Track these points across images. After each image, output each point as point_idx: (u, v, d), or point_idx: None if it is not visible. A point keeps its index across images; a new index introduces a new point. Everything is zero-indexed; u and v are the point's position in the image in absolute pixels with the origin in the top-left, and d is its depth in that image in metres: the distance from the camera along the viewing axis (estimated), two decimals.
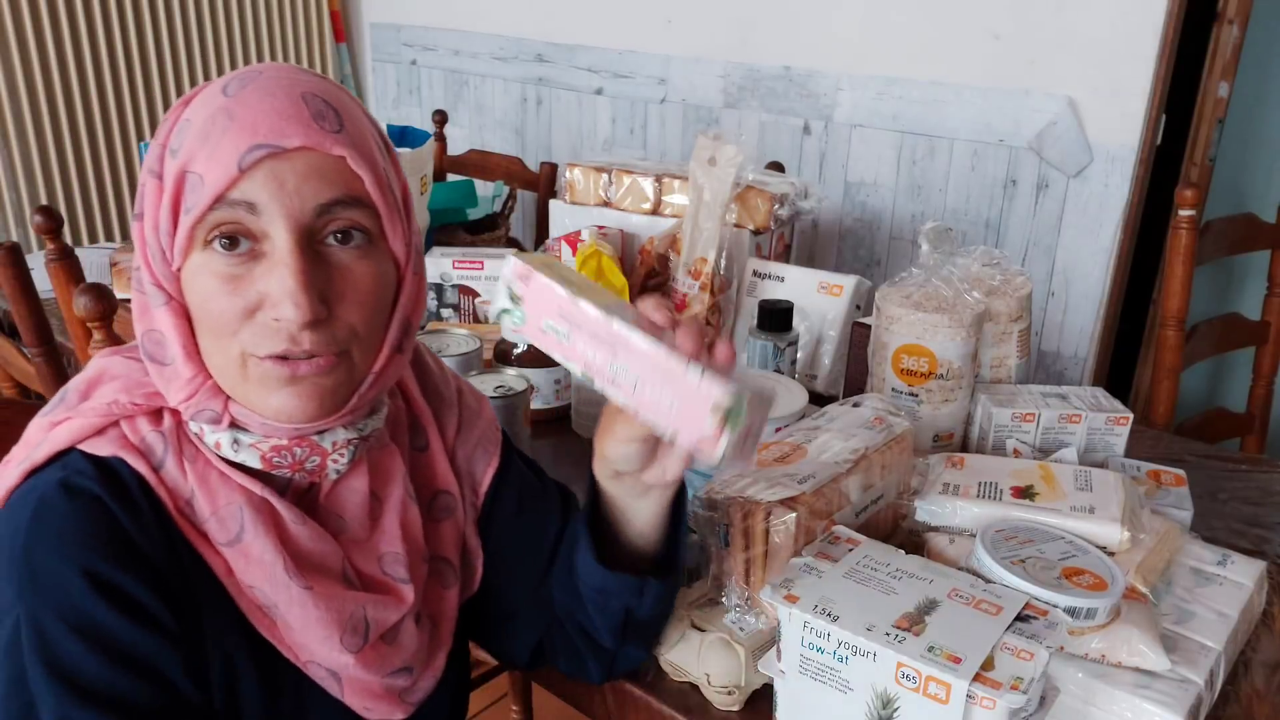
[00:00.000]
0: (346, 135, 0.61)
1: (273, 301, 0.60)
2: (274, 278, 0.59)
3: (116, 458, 0.62)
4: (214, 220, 0.59)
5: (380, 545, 0.71)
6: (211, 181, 0.58)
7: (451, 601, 0.76)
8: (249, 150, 0.58)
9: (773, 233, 1.44)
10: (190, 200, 0.59)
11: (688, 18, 2.42)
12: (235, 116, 0.59)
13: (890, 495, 0.89)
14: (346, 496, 0.70)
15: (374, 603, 0.68)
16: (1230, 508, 1.09)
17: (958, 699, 0.62)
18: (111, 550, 0.59)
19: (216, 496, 0.64)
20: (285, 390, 0.62)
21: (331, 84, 0.64)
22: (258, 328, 0.60)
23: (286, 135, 0.59)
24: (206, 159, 0.59)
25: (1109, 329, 2.03)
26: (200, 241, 0.60)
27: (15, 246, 1.33)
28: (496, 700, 2.00)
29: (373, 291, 0.64)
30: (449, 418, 0.79)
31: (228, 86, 0.61)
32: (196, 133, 0.60)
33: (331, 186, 0.60)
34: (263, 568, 0.63)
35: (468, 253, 1.53)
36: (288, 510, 0.65)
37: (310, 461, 0.66)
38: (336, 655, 0.66)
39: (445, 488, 0.77)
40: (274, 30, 3.05)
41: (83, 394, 0.66)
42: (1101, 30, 1.87)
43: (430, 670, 0.73)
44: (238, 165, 0.58)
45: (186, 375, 0.62)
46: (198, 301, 0.61)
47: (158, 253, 0.61)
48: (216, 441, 0.64)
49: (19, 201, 2.63)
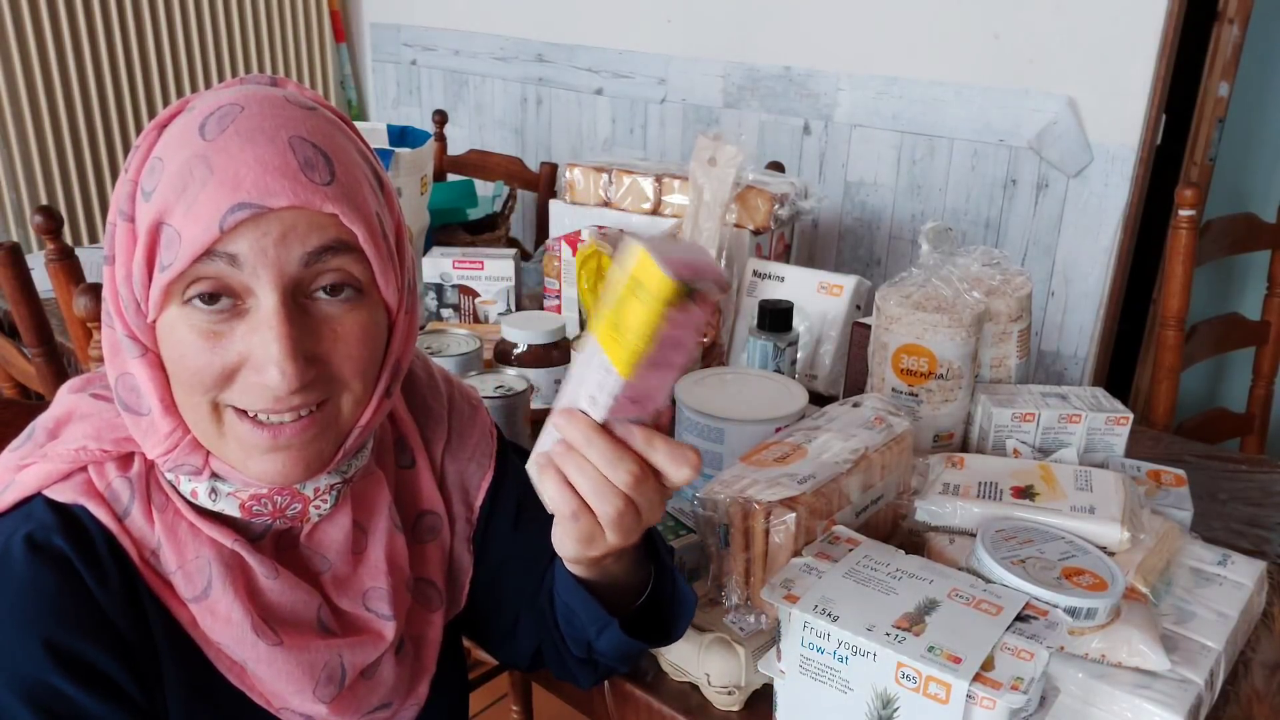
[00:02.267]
0: (338, 186, 0.57)
1: (256, 365, 0.56)
2: (257, 341, 0.56)
3: (80, 506, 0.60)
4: (193, 274, 0.55)
5: (365, 580, 0.68)
6: (189, 239, 0.54)
7: (436, 624, 0.74)
8: (231, 210, 0.54)
9: (773, 233, 1.44)
10: (166, 256, 0.55)
11: (688, 18, 2.42)
12: (215, 168, 0.54)
13: (890, 495, 0.89)
14: (330, 534, 0.67)
15: (350, 647, 0.66)
16: (1230, 508, 1.09)
17: (958, 699, 0.62)
18: (71, 615, 0.57)
19: (185, 549, 0.61)
20: (266, 455, 0.59)
21: (321, 118, 0.59)
22: (239, 386, 0.57)
23: (272, 193, 0.54)
24: (184, 214, 0.54)
25: (1109, 329, 2.03)
26: (178, 297, 0.56)
27: (15, 246, 1.33)
28: (496, 700, 2.00)
29: (363, 344, 0.60)
30: (437, 433, 0.76)
31: (205, 126, 0.56)
32: (171, 181, 0.55)
33: (320, 234, 0.56)
34: (230, 626, 0.61)
35: (468, 253, 1.53)
36: (260, 564, 0.63)
37: (291, 509, 0.64)
38: (310, 705, 0.64)
39: (430, 508, 0.74)
40: (274, 30, 3.05)
41: (51, 433, 0.63)
42: (1101, 30, 1.87)
43: (412, 699, 0.72)
44: (219, 226, 0.54)
45: (165, 429, 0.59)
46: (173, 356, 0.58)
47: (131, 304, 0.58)
48: (193, 490, 0.62)
49: (19, 201, 2.63)
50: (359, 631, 0.67)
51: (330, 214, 0.56)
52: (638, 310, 0.54)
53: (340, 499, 0.67)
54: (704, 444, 0.99)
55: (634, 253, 0.55)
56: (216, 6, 2.90)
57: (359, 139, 0.63)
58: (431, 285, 1.52)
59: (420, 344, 1.20)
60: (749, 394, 1.04)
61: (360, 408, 0.62)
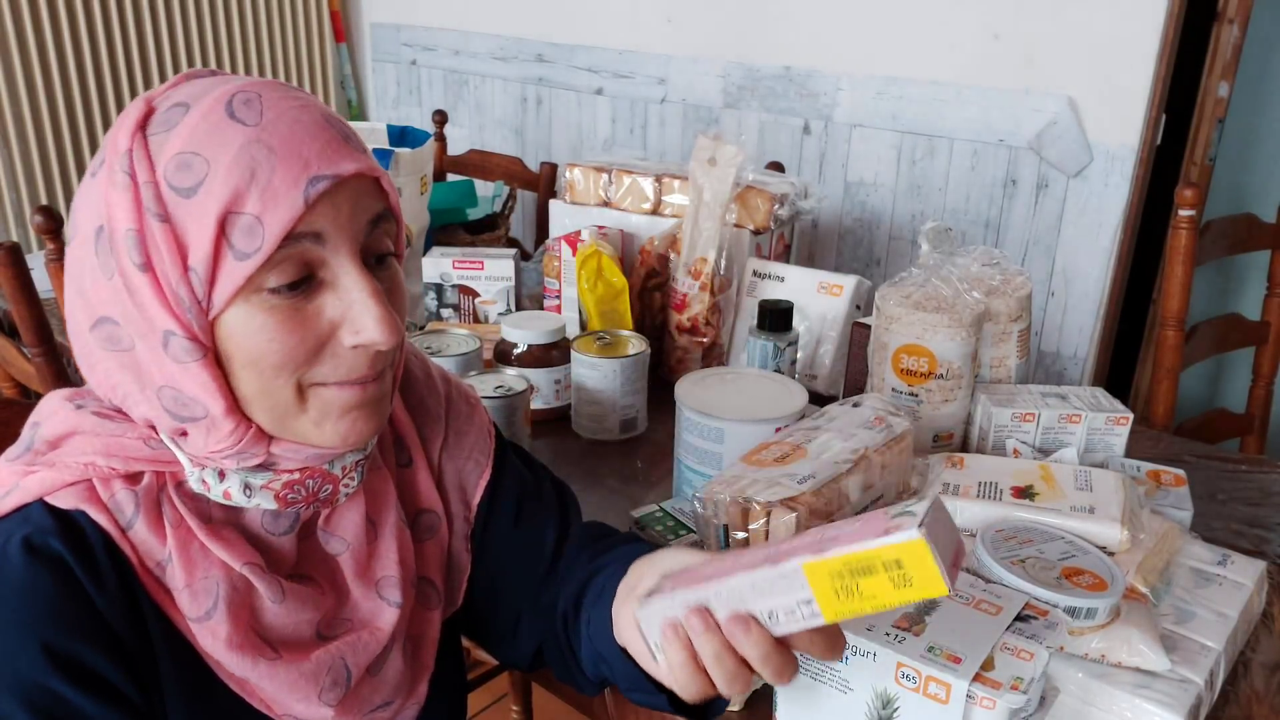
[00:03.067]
0: (369, 156, 0.61)
1: (354, 327, 0.59)
2: (350, 303, 0.59)
3: (80, 511, 0.59)
4: (278, 260, 0.56)
5: (379, 569, 0.69)
6: (274, 222, 0.55)
7: (434, 623, 0.74)
8: (310, 182, 0.56)
9: (773, 233, 1.44)
10: (246, 244, 0.55)
11: (688, 18, 2.42)
12: (276, 149, 0.56)
13: (890, 495, 0.89)
14: (346, 518, 0.68)
15: (351, 647, 0.66)
16: (1230, 508, 1.09)
17: (958, 699, 0.62)
18: (68, 619, 0.57)
19: (195, 568, 0.61)
20: (347, 416, 0.61)
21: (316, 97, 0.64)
22: (328, 358, 0.59)
23: (338, 163, 0.57)
24: (260, 198, 0.55)
25: (1109, 329, 2.04)
26: (253, 285, 0.56)
27: (15, 246, 1.33)
28: (496, 700, 2.00)
29: (403, 304, 0.65)
30: (434, 431, 0.77)
31: (235, 113, 0.56)
32: (230, 170, 0.55)
33: (375, 203, 0.61)
34: (230, 648, 0.61)
35: (468, 253, 1.53)
36: (268, 588, 0.63)
37: (324, 491, 0.65)
38: (316, 710, 0.64)
39: (428, 506, 0.75)
40: (274, 30, 3.05)
41: (52, 444, 0.62)
42: (1101, 30, 1.87)
43: (413, 699, 0.72)
44: (304, 200, 0.56)
45: (228, 428, 0.59)
46: (251, 345, 0.57)
47: (189, 302, 0.56)
48: (225, 492, 0.62)
49: (19, 201, 2.63)
50: (355, 629, 0.68)
51: (375, 178, 0.61)
52: (887, 592, 0.50)
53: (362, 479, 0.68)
54: (704, 444, 0.99)
55: (910, 535, 0.49)
56: (216, 6, 2.90)
57: None
58: (431, 285, 1.52)
59: (420, 344, 1.21)
60: (749, 394, 1.04)
61: (398, 369, 0.66)
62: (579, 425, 1.25)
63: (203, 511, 0.62)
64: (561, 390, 1.26)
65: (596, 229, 1.45)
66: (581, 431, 1.25)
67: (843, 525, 0.54)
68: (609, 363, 1.20)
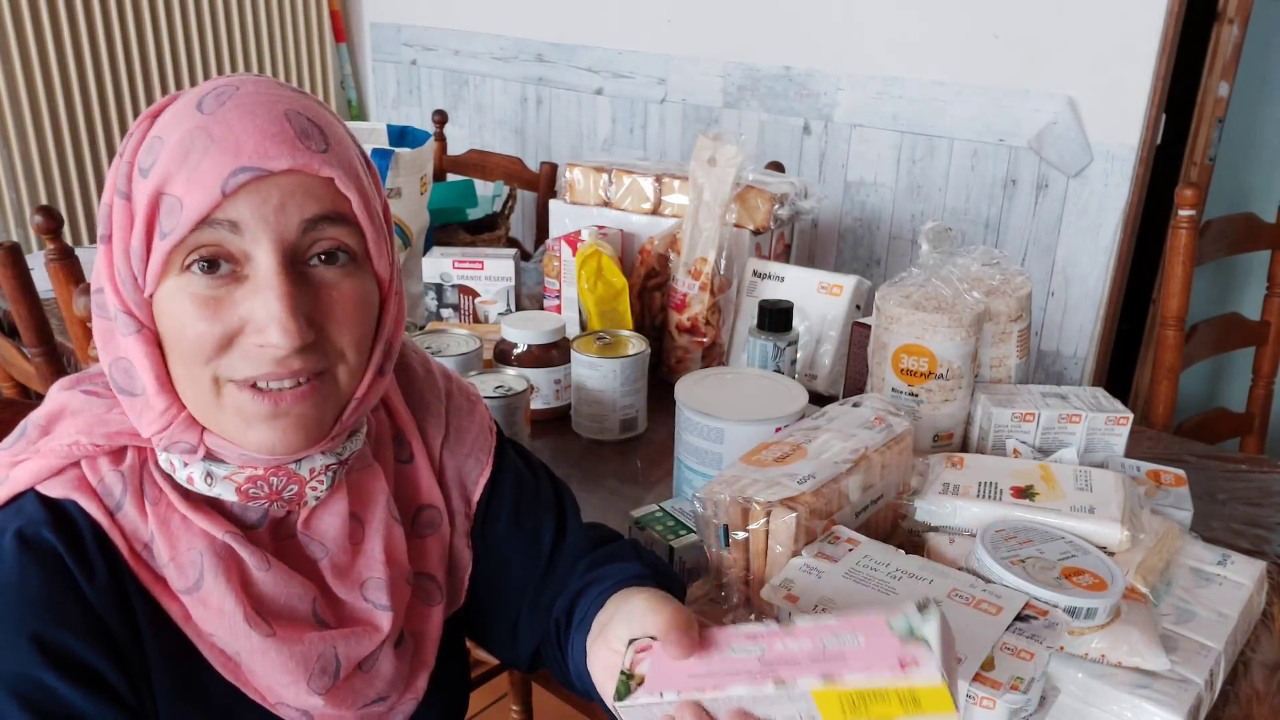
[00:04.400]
0: (333, 155, 0.59)
1: (257, 327, 0.58)
2: (258, 302, 0.57)
3: (71, 500, 0.60)
4: (193, 242, 0.57)
5: (362, 570, 0.69)
6: (192, 205, 0.56)
7: (435, 619, 0.74)
8: (233, 173, 0.56)
9: (773, 233, 1.44)
10: (167, 224, 0.57)
11: (688, 17, 2.42)
12: (215, 137, 0.56)
13: (890, 495, 0.89)
14: (326, 522, 0.68)
15: (345, 639, 0.66)
16: (1230, 508, 1.09)
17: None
18: (62, 614, 0.57)
19: (177, 541, 0.61)
20: (265, 424, 0.60)
21: (312, 100, 0.62)
22: (238, 352, 0.58)
23: (271, 157, 0.56)
24: (186, 181, 0.56)
25: (1109, 329, 2.04)
26: (177, 266, 0.58)
27: (15, 246, 1.33)
28: (496, 700, 2.00)
29: (359, 311, 0.62)
30: (435, 427, 0.77)
31: (203, 102, 0.58)
32: (172, 152, 0.57)
33: (317, 203, 0.59)
34: (222, 617, 0.61)
35: (468, 253, 1.53)
36: (252, 555, 0.63)
37: (288, 491, 0.64)
38: (305, 698, 0.64)
39: (430, 502, 0.75)
40: (274, 30, 3.05)
41: (43, 429, 0.63)
42: (1101, 30, 1.87)
43: (410, 693, 0.72)
44: (221, 189, 0.56)
45: (160, 407, 0.60)
46: (172, 327, 0.59)
47: (128, 279, 0.59)
48: (189, 476, 0.62)
49: (19, 201, 2.63)
50: (354, 623, 0.68)
51: (326, 178, 0.59)
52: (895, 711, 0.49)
53: (336, 484, 0.67)
54: (704, 444, 0.99)
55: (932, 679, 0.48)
56: (216, 6, 2.90)
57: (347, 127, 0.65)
58: (431, 285, 1.52)
59: (420, 344, 1.21)
60: (749, 394, 1.04)
61: (355, 381, 0.64)
62: (579, 425, 1.25)
63: (180, 488, 0.63)
64: (561, 390, 1.26)
65: (596, 229, 1.45)
66: (581, 431, 1.25)
67: (842, 631, 0.52)
68: (609, 363, 1.20)
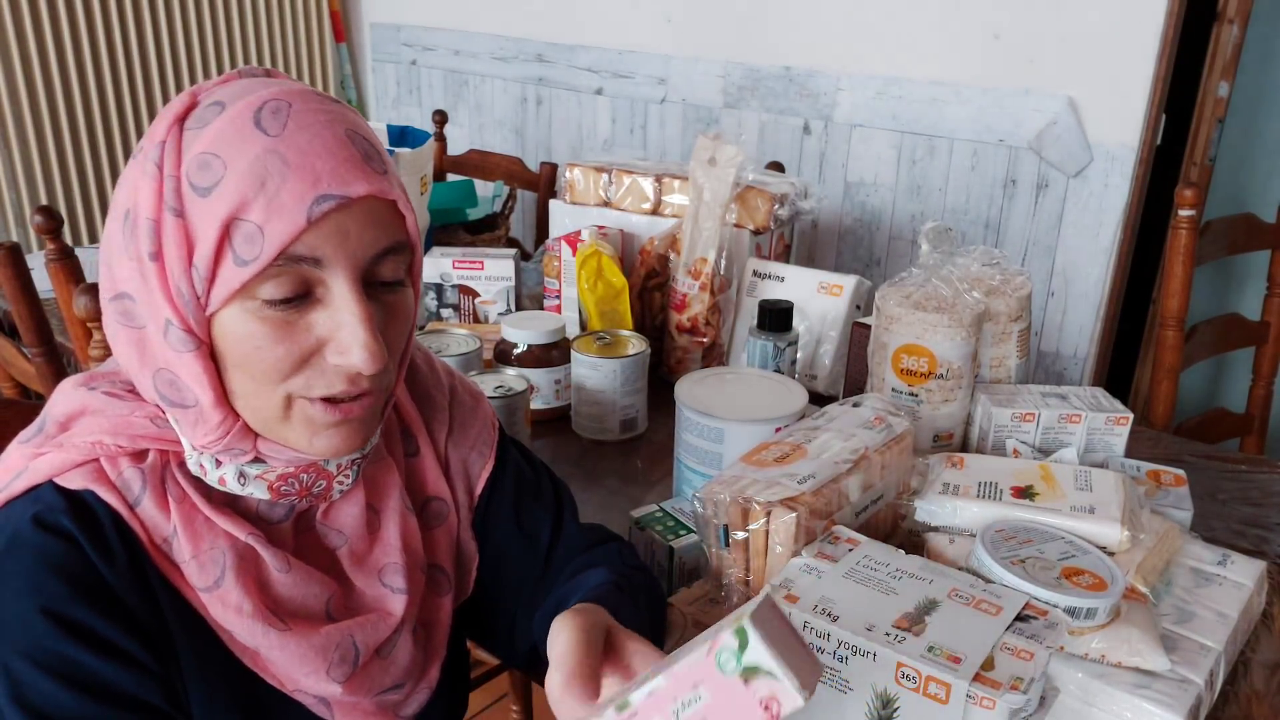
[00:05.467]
0: (391, 176, 0.60)
1: (339, 348, 0.59)
2: (339, 325, 0.59)
3: (90, 491, 0.61)
4: (274, 273, 0.57)
5: (380, 557, 0.70)
6: (275, 234, 0.56)
7: (445, 609, 0.75)
8: (316, 201, 0.56)
9: (773, 233, 1.44)
10: (246, 251, 0.56)
11: (688, 17, 2.42)
12: (290, 161, 0.56)
13: (890, 495, 0.89)
14: (345, 512, 0.69)
15: (361, 626, 0.67)
16: (1230, 508, 1.09)
17: (958, 699, 0.62)
18: (80, 590, 0.58)
19: (201, 540, 0.62)
20: (332, 430, 0.62)
21: (354, 111, 0.62)
22: (314, 371, 0.60)
23: (350, 184, 0.57)
24: (265, 208, 0.56)
25: (1109, 329, 2.04)
26: (249, 291, 0.57)
27: (15, 246, 1.33)
28: (496, 700, 2.00)
29: (407, 324, 0.65)
30: (439, 421, 0.78)
31: (261, 121, 0.57)
32: (244, 177, 0.56)
33: (386, 233, 0.60)
34: (240, 616, 0.62)
35: (468, 253, 1.53)
36: (274, 557, 0.64)
37: (317, 485, 0.66)
38: (324, 685, 0.65)
39: (436, 494, 0.76)
40: (274, 30, 3.05)
41: (62, 426, 0.64)
42: (1101, 30, 1.87)
43: (424, 682, 0.73)
44: (306, 218, 0.56)
45: (216, 419, 0.61)
46: (240, 349, 0.59)
47: (189, 297, 0.58)
48: (220, 478, 0.63)
49: (19, 201, 2.63)
50: (370, 610, 0.69)
51: (391, 200, 0.60)
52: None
53: (358, 476, 0.69)
54: (704, 444, 0.99)
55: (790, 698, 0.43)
56: (216, 6, 2.90)
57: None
58: (431, 285, 1.52)
59: (421, 344, 1.21)
60: (749, 394, 1.04)
61: (395, 382, 0.67)
62: (579, 425, 1.25)
63: (204, 490, 0.64)
64: (561, 390, 1.26)
65: (596, 229, 1.45)
66: (581, 431, 1.25)
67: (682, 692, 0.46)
68: (609, 363, 1.20)
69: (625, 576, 0.74)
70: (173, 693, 0.62)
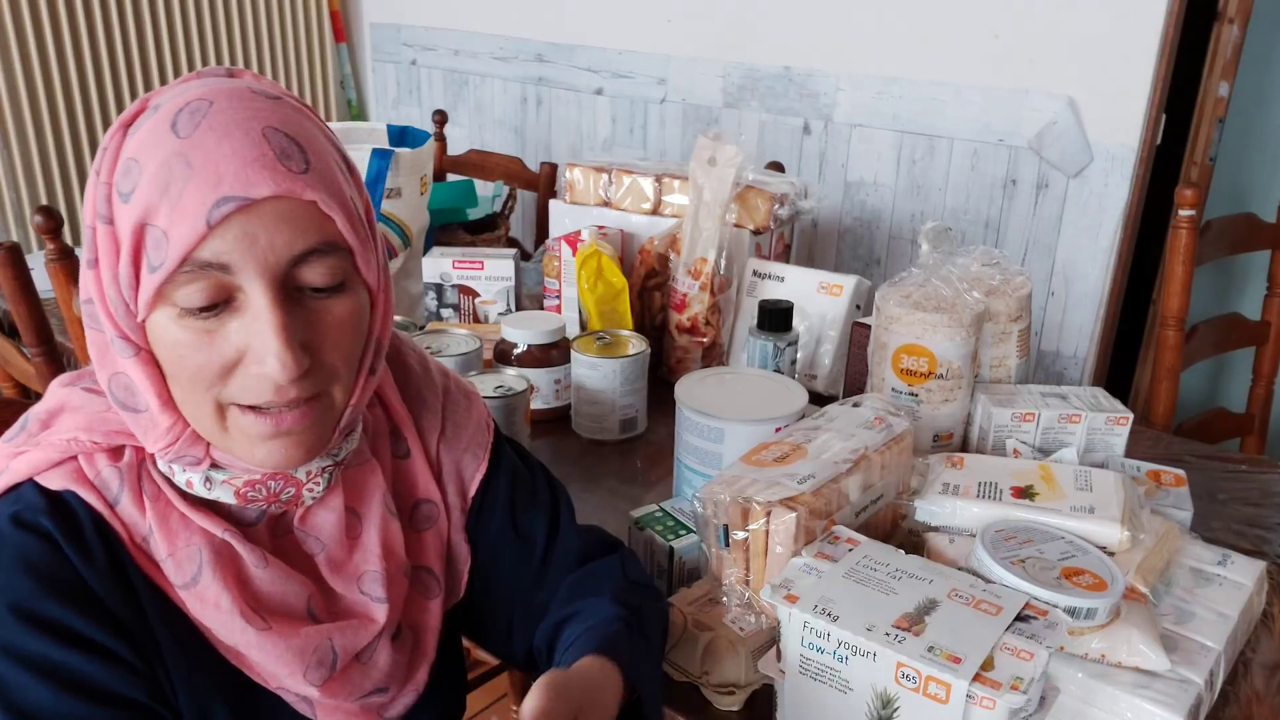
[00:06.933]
0: (314, 174, 0.57)
1: (256, 357, 0.58)
2: (254, 334, 0.57)
3: (69, 491, 0.61)
4: (183, 281, 0.56)
5: (359, 564, 0.70)
6: (177, 238, 0.54)
7: (435, 612, 0.75)
8: (216, 204, 0.54)
9: (773, 233, 1.44)
10: (155, 257, 0.55)
11: (688, 18, 2.42)
12: (194, 164, 0.55)
13: (890, 495, 0.89)
14: (322, 517, 0.68)
15: (341, 631, 0.67)
16: (1230, 508, 1.09)
17: (958, 699, 0.62)
18: (54, 588, 0.58)
19: (176, 537, 0.62)
20: (271, 441, 0.61)
21: (287, 106, 0.60)
22: (238, 380, 0.59)
23: (254, 184, 0.55)
24: (169, 213, 0.55)
25: (1109, 329, 2.03)
26: (168, 296, 0.57)
27: (15, 246, 1.33)
28: (496, 700, 2.00)
29: (352, 330, 0.62)
30: (431, 422, 0.77)
31: (176, 123, 0.56)
32: (152, 180, 0.55)
33: (304, 235, 0.57)
34: (219, 613, 0.62)
35: (468, 253, 1.53)
36: (250, 553, 0.64)
37: (285, 493, 0.65)
38: (303, 687, 0.65)
39: (427, 496, 0.75)
40: (274, 30, 3.05)
41: (43, 423, 0.64)
42: (1101, 30, 1.87)
43: (410, 685, 0.72)
44: (205, 221, 0.54)
45: (165, 424, 0.60)
46: (170, 356, 0.58)
47: (120, 305, 0.58)
48: (187, 480, 0.63)
49: (19, 201, 2.63)
50: (350, 616, 0.68)
51: (309, 201, 0.57)
52: None
53: (332, 482, 0.68)
54: (704, 444, 0.99)
55: None
56: (216, 6, 2.90)
57: (323, 124, 0.63)
58: (431, 285, 1.52)
59: (420, 344, 1.21)
60: (749, 394, 1.04)
61: (349, 392, 0.64)
62: (579, 425, 1.25)
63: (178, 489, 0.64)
64: (561, 390, 1.26)
65: (596, 229, 1.45)
66: (581, 431, 1.25)
67: None
68: (609, 363, 1.20)
69: (633, 609, 0.73)
70: (158, 689, 0.62)
